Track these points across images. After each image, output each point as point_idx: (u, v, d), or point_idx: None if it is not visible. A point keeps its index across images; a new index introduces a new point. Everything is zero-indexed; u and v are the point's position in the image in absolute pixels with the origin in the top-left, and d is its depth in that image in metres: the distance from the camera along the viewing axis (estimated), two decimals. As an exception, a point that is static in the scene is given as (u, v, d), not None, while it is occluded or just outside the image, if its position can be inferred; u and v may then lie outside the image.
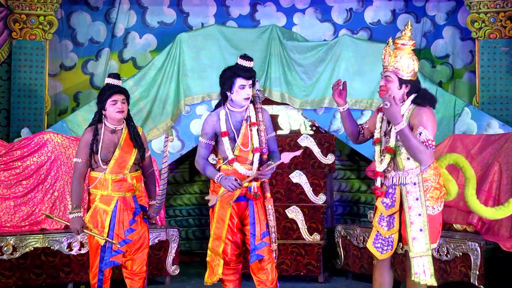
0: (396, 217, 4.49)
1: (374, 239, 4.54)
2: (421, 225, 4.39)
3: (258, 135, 4.88)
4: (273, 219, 4.90)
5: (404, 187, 4.45)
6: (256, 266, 4.86)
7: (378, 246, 4.52)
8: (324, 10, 8.50)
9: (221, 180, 4.75)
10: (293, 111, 7.95)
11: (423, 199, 4.42)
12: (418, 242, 4.37)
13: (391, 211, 4.50)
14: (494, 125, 7.24)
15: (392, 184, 4.51)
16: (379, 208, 4.55)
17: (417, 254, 4.38)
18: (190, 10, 8.54)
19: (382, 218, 4.53)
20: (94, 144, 4.93)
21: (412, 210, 4.41)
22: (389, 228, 4.50)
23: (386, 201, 4.52)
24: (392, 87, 4.47)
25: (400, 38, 4.57)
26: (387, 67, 4.50)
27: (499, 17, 7.69)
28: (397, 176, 4.49)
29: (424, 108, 4.44)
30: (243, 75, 4.80)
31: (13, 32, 7.86)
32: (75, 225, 4.91)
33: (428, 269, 4.38)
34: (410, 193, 4.43)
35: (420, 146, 4.33)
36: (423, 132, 4.36)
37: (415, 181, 4.44)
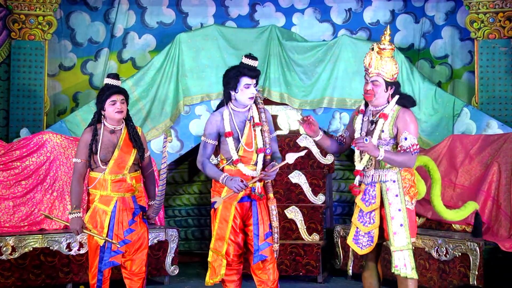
0: (376, 213, 4.64)
1: (354, 235, 4.69)
2: (401, 220, 4.57)
3: (262, 135, 4.88)
4: (276, 220, 4.91)
5: (384, 184, 4.63)
6: (257, 266, 4.86)
7: (358, 242, 4.67)
8: (323, 10, 8.51)
9: (226, 181, 4.74)
10: (292, 111, 7.95)
11: (402, 196, 4.60)
12: (399, 236, 4.55)
13: (371, 208, 4.65)
14: (493, 125, 7.25)
15: (372, 181, 4.66)
16: (359, 205, 4.69)
17: (398, 248, 4.55)
18: (189, 10, 8.54)
19: (362, 214, 4.67)
20: (93, 144, 4.93)
21: (392, 206, 4.59)
22: (369, 223, 4.64)
23: (366, 198, 4.67)
24: (380, 90, 4.62)
25: (381, 43, 4.67)
26: (373, 71, 4.63)
27: (498, 17, 7.69)
28: (377, 174, 4.65)
29: (408, 110, 4.64)
30: (248, 74, 4.80)
31: (12, 32, 7.85)
32: (74, 225, 4.91)
33: (409, 262, 4.54)
34: (390, 190, 4.61)
35: (404, 159, 4.52)
36: (408, 138, 4.54)
37: (394, 178, 4.62)
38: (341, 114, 7.78)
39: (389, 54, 4.64)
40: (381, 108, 4.66)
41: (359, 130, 4.74)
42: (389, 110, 4.61)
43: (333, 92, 7.81)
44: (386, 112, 4.61)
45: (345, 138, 4.91)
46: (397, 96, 4.65)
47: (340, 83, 7.79)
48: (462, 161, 6.67)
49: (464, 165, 6.64)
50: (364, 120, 4.74)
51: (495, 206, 6.31)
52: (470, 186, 6.52)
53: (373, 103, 4.67)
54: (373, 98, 4.62)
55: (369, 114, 4.73)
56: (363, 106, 4.78)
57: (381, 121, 4.61)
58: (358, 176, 4.72)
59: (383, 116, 4.61)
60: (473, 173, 6.55)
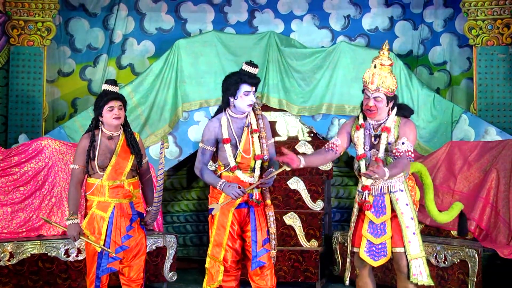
0: (388, 224, 4.66)
1: (366, 248, 4.69)
2: (413, 228, 4.63)
3: (260, 142, 4.88)
4: (273, 226, 4.91)
5: (393, 195, 4.67)
6: (255, 273, 4.86)
7: (370, 254, 4.68)
8: (322, 17, 8.52)
9: (224, 188, 4.74)
10: (291, 118, 7.95)
11: (412, 204, 4.68)
12: (413, 245, 4.60)
13: (383, 219, 4.67)
14: (492, 132, 7.25)
15: (381, 193, 4.69)
16: (369, 217, 4.69)
17: (414, 256, 4.60)
18: (188, 17, 8.55)
19: (373, 226, 4.68)
20: (91, 150, 4.93)
21: (404, 215, 4.64)
22: (379, 235, 4.66)
23: (376, 210, 4.69)
24: (381, 106, 4.66)
25: (379, 58, 4.70)
26: (373, 88, 4.64)
27: (497, 24, 7.70)
28: (386, 185, 4.68)
29: (409, 121, 4.71)
30: (248, 82, 4.81)
31: (11, 38, 7.86)
32: (72, 231, 4.91)
33: (424, 270, 4.60)
34: (400, 200, 4.66)
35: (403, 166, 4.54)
36: (406, 143, 4.59)
37: (402, 188, 4.69)
38: (339, 120, 7.77)
39: (388, 69, 4.68)
40: (382, 121, 4.69)
41: (362, 145, 4.74)
42: (391, 123, 4.67)
43: (331, 98, 7.81)
44: (388, 125, 4.66)
45: (337, 146, 4.81)
46: (395, 109, 4.71)
47: (338, 90, 7.79)
48: (461, 167, 6.67)
49: (463, 172, 6.64)
50: (365, 134, 4.75)
51: (493, 212, 6.31)
52: (468, 192, 6.52)
53: (375, 118, 4.70)
54: (376, 114, 4.66)
55: (369, 128, 4.74)
56: (362, 120, 4.77)
57: (385, 135, 4.65)
58: (366, 191, 4.72)
59: (385, 130, 4.65)
60: (472, 180, 6.55)
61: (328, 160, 4.95)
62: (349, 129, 4.82)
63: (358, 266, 4.81)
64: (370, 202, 4.69)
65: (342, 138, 4.82)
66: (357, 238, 4.77)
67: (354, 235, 4.80)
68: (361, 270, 4.80)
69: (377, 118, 4.69)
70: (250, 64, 4.89)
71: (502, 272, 5.94)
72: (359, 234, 4.76)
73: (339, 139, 4.83)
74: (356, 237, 4.79)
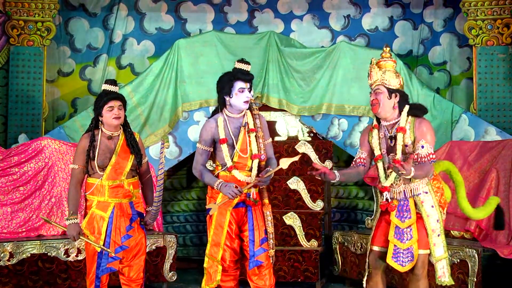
0: (414, 228, 4.60)
1: (393, 253, 4.61)
2: (438, 230, 4.60)
3: (257, 141, 4.88)
4: (271, 226, 4.91)
5: (418, 197, 4.62)
6: (253, 272, 4.86)
7: (398, 259, 4.61)
8: (322, 16, 8.53)
9: (221, 187, 4.75)
10: (291, 118, 7.95)
11: (437, 206, 4.63)
12: (438, 247, 4.58)
13: (408, 223, 4.61)
14: (492, 132, 7.25)
15: (405, 197, 4.65)
16: (395, 222, 4.64)
17: (438, 258, 4.59)
18: (188, 17, 8.56)
19: (399, 231, 4.62)
20: (91, 150, 4.93)
21: (430, 218, 4.60)
22: (407, 239, 4.59)
23: (400, 214, 4.64)
24: (383, 98, 4.63)
25: (381, 57, 4.80)
26: (374, 82, 4.68)
27: (496, 24, 7.71)
28: (408, 188, 4.64)
29: (424, 120, 4.63)
30: (242, 78, 4.82)
31: (11, 38, 7.86)
32: (71, 231, 4.91)
33: (447, 270, 4.61)
34: (425, 202, 4.61)
35: (427, 170, 4.51)
36: (425, 146, 4.53)
37: (427, 190, 4.63)
38: (339, 120, 7.78)
39: (389, 66, 4.70)
40: (394, 121, 4.66)
41: (378, 147, 4.71)
42: (404, 123, 4.62)
43: (331, 98, 7.81)
44: (402, 125, 4.61)
45: (365, 159, 4.81)
46: (407, 107, 4.65)
47: (338, 90, 7.79)
48: (461, 167, 6.67)
49: (463, 172, 6.63)
50: (380, 136, 4.72)
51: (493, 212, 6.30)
52: (468, 192, 6.50)
53: (381, 114, 4.66)
54: (378, 108, 4.63)
55: (384, 130, 4.71)
56: (376, 122, 4.77)
57: (400, 135, 4.60)
58: (386, 192, 4.69)
59: (401, 130, 4.60)
60: (472, 180, 6.55)
61: (362, 174, 4.89)
62: (366, 136, 4.81)
63: (373, 266, 4.76)
64: (395, 203, 4.65)
65: (365, 149, 4.81)
66: (378, 237, 4.75)
67: (374, 234, 4.77)
68: (375, 270, 4.75)
69: (383, 114, 4.65)
70: (242, 61, 4.92)
71: (502, 272, 5.94)
72: (379, 233, 4.74)
73: (363, 151, 4.80)
74: (376, 236, 4.76)
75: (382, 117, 4.69)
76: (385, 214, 4.73)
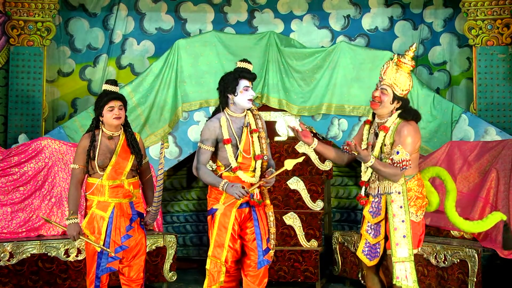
0: (382, 225, 4.67)
1: (363, 247, 4.72)
2: (404, 231, 4.56)
3: (259, 142, 4.89)
4: (273, 226, 4.92)
5: (389, 196, 4.64)
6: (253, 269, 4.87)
7: (366, 253, 4.71)
8: (322, 16, 8.53)
9: (227, 188, 4.72)
10: (291, 118, 7.95)
11: (407, 207, 4.60)
12: (401, 247, 4.55)
13: (378, 219, 4.69)
14: (491, 132, 7.25)
15: (378, 193, 4.70)
16: (366, 216, 4.74)
17: (400, 259, 4.56)
18: (188, 17, 8.55)
19: (370, 226, 4.72)
20: (91, 150, 4.93)
21: (396, 217, 4.60)
22: (375, 235, 4.69)
23: (372, 210, 4.72)
24: (386, 100, 4.65)
25: (403, 56, 4.71)
26: (385, 81, 4.65)
27: (496, 24, 7.71)
28: (383, 185, 4.68)
29: (407, 123, 4.62)
30: (247, 77, 4.86)
31: (10, 39, 7.86)
32: (71, 231, 4.91)
33: (410, 274, 4.55)
34: (394, 202, 4.63)
35: (389, 172, 4.55)
36: (400, 152, 4.54)
37: (399, 190, 4.64)
38: (339, 120, 7.78)
39: (406, 69, 4.67)
40: (384, 121, 4.70)
41: (365, 141, 4.79)
42: (390, 123, 4.65)
43: (331, 98, 7.81)
44: (387, 125, 4.64)
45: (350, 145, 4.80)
46: (399, 111, 4.68)
47: (338, 90, 7.79)
48: (461, 167, 6.67)
49: (463, 172, 6.63)
50: (370, 131, 4.80)
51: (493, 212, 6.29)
52: (468, 192, 6.51)
53: (377, 112, 4.70)
54: (378, 106, 4.65)
55: (374, 126, 4.77)
56: (371, 117, 4.83)
57: (382, 134, 4.64)
58: (363, 187, 4.77)
59: (383, 128, 4.64)
60: (472, 180, 6.55)
61: (344, 160, 4.95)
62: (362, 128, 4.88)
63: (364, 266, 4.79)
64: (366, 198, 4.74)
65: (357, 138, 4.91)
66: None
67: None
68: (367, 271, 4.79)
69: (379, 113, 4.69)
70: (244, 61, 4.96)
71: (502, 272, 5.93)
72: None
73: (354, 140, 4.84)
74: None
75: (378, 114, 4.73)
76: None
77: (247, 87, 4.85)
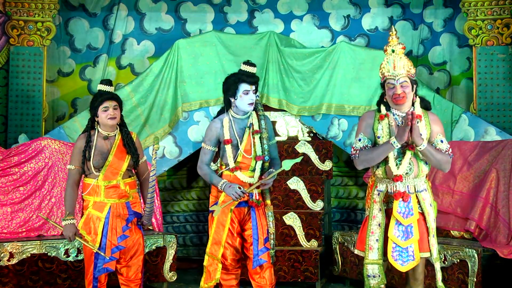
0: (415, 226, 4.41)
1: (393, 251, 4.41)
2: (434, 231, 4.45)
3: (261, 143, 4.90)
4: (272, 226, 4.92)
5: (420, 194, 4.47)
6: (255, 272, 4.88)
7: (396, 258, 4.41)
8: (322, 16, 8.52)
9: (225, 188, 4.77)
10: (291, 118, 7.95)
11: (434, 205, 4.50)
12: (435, 248, 4.44)
13: (410, 220, 4.42)
14: (492, 132, 7.25)
15: (408, 192, 4.46)
16: (397, 218, 4.41)
17: (436, 259, 4.45)
18: (188, 17, 8.55)
19: (399, 228, 4.42)
20: (87, 150, 4.94)
21: (430, 216, 4.46)
22: (407, 238, 4.41)
23: (402, 210, 4.42)
24: (408, 92, 4.44)
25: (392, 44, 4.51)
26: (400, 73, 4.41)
27: (496, 24, 7.71)
28: (413, 183, 4.47)
29: (435, 115, 4.51)
30: (247, 81, 4.85)
31: (11, 38, 7.86)
32: (67, 232, 4.92)
33: (440, 273, 4.48)
34: (425, 200, 4.47)
35: (443, 159, 4.38)
36: (444, 141, 4.43)
37: (426, 187, 4.51)
38: (339, 120, 7.78)
39: (403, 52, 4.49)
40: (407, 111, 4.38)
41: (388, 135, 4.46)
42: (419, 111, 4.44)
43: (331, 98, 7.81)
44: (418, 113, 4.42)
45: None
46: (419, 99, 4.50)
47: (338, 90, 7.79)
48: (461, 167, 6.68)
49: (463, 172, 6.64)
50: (391, 125, 4.49)
51: (493, 212, 6.31)
52: (468, 192, 6.52)
53: (404, 106, 4.44)
54: (406, 100, 4.41)
55: (394, 119, 4.49)
56: (384, 111, 4.52)
57: (419, 123, 4.37)
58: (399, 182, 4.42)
59: (419, 117, 4.39)
60: (471, 180, 6.56)
61: None
62: (371, 123, 4.54)
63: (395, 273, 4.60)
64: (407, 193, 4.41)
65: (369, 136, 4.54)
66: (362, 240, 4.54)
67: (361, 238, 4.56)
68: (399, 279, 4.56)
69: (405, 106, 4.44)
70: (248, 63, 4.95)
71: (502, 272, 5.94)
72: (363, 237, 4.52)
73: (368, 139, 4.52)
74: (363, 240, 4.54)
75: (402, 108, 4.46)
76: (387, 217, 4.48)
77: (247, 91, 4.85)
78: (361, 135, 4.56)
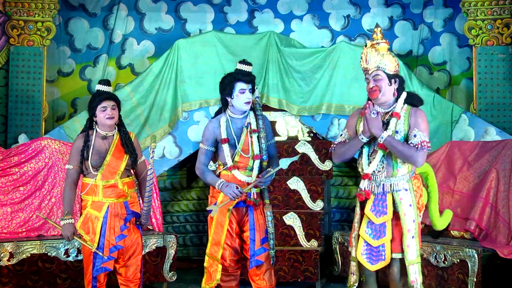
0: (388, 225, 4.41)
1: (363, 249, 4.43)
2: (413, 232, 4.38)
3: (259, 142, 4.90)
4: (271, 226, 4.91)
5: (397, 194, 4.43)
6: (254, 272, 4.87)
7: (368, 257, 4.42)
8: (322, 16, 8.53)
9: (222, 187, 4.77)
10: (291, 118, 7.95)
11: (415, 206, 4.43)
12: (411, 249, 4.37)
13: (383, 219, 4.42)
14: (491, 132, 7.25)
15: (383, 191, 4.45)
16: (369, 216, 4.45)
17: (411, 261, 4.37)
18: (188, 17, 8.56)
19: (372, 227, 4.44)
20: (85, 150, 4.94)
21: (407, 217, 4.39)
22: (378, 237, 4.41)
23: (376, 209, 4.44)
24: (383, 84, 4.42)
25: (373, 40, 4.52)
26: (371, 67, 4.43)
27: (496, 24, 7.71)
28: (389, 183, 4.45)
29: (420, 110, 4.46)
30: (243, 79, 4.84)
31: (11, 38, 7.86)
32: (66, 231, 4.93)
33: (419, 276, 4.38)
34: (403, 200, 4.42)
35: (407, 151, 4.32)
36: (417, 134, 4.35)
37: (407, 187, 4.44)
38: (339, 120, 7.78)
39: (384, 48, 4.46)
40: (390, 109, 4.45)
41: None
42: (400, 109, 4.42)
43: (331, 98, 7.81)
44: (397, 111, 4.41)
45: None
46: (404, 94, 4.47)
47: (338, 90, 7.79)
48: (461, 167, 6.68)
49: (463, 172, 6.64)
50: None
51: (493, 212, 6.31)
52: (468, 192, 6.52)
53: (380, 101, 4.43)
54: (379, 94, 4.39)
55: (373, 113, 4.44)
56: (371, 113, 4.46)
57: (394, 120, 4.39)
58: (366, 180, 4.47)
59: (395, 115, 4.40)
60: (471, 180, 6.56)
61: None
62: (355, 119, 4.58)
63: (365, 273, 4.51)
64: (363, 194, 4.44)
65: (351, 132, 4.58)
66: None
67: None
68: (369, 278, 4.52)
69: (383, 101, 4.42)
70: (243, 62, 4.94)
71: (502, 272, 5.93)
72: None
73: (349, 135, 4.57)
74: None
75: (381, 102, 4.45)
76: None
77: (243, 90, 4.84)
78: (344, 131, 4.64)
